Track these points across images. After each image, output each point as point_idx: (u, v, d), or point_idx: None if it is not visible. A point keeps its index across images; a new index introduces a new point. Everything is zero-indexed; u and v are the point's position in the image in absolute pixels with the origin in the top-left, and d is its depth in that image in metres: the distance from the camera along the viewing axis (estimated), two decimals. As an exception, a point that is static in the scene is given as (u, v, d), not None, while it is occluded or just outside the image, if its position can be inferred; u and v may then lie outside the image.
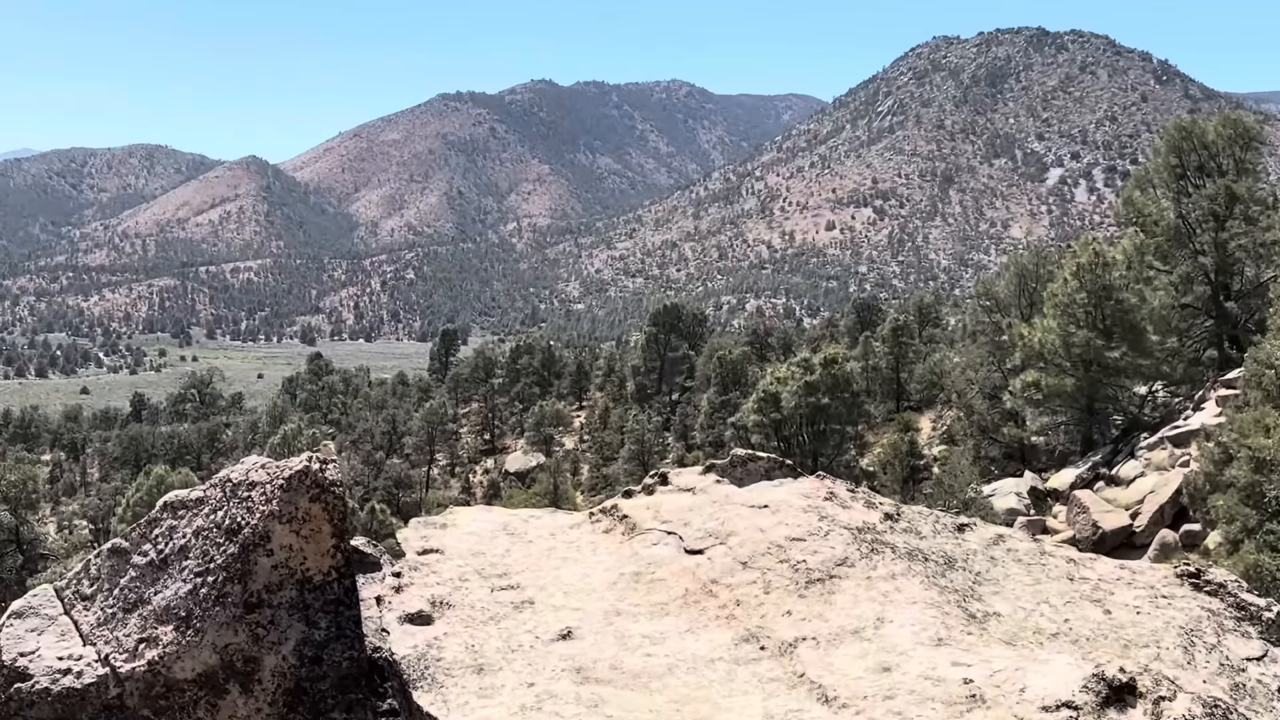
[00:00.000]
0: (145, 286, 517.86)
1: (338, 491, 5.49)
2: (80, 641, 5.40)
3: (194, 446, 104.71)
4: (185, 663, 5.16)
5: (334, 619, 5.32)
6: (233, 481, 5.56)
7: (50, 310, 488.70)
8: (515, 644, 5.29)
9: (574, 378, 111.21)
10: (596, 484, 79.69)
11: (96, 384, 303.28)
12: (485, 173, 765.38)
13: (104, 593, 5.55)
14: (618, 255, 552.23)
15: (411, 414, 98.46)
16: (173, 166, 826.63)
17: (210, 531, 5.44)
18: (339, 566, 5.45)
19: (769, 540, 5.82)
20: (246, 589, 5.26)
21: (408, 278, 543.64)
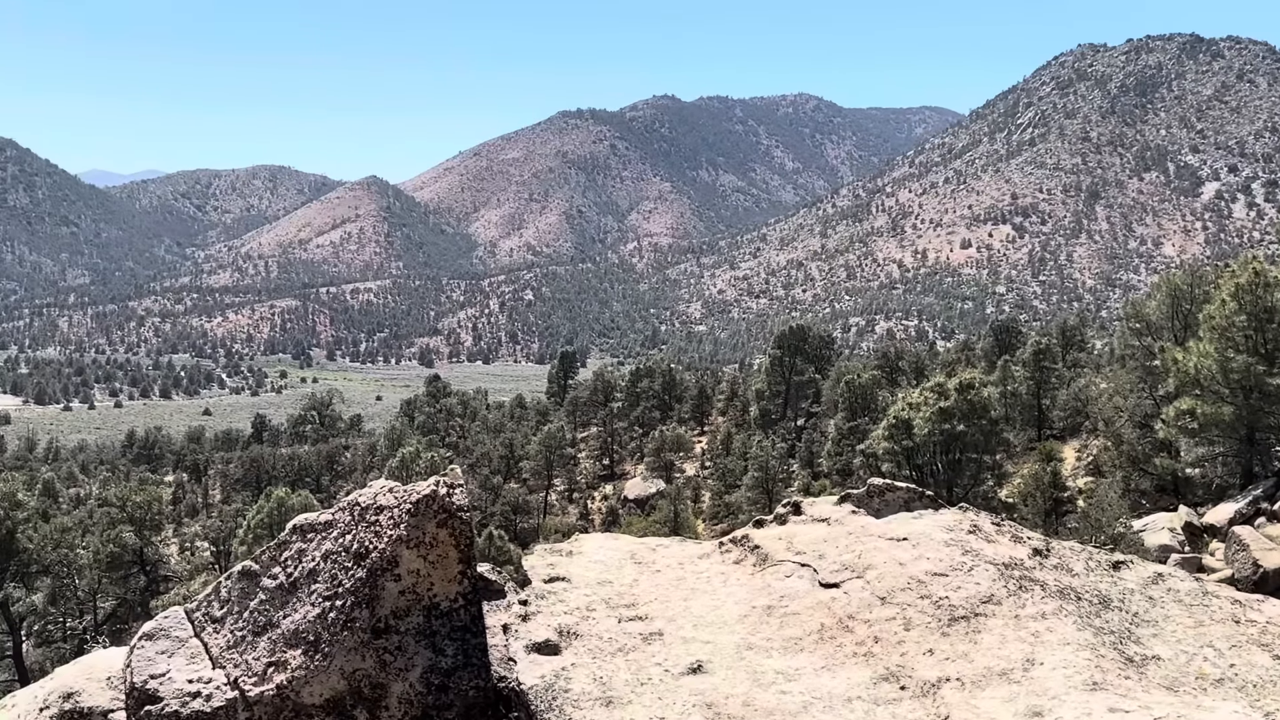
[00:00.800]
0: (267, 307, 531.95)
1: (465, 517, 5.41)
2: (210, 664, 5.39)
3: (313, 468, 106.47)
4: (313, 688, 5.11)
5: (461, 646, 5.23)
6: (361, 505, 5.51)
7: (174, 331, 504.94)
8: (644, 677, 5.14)
9: (695, 402, 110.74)
10: (718, 512, 79.06)
11: (219, 405, 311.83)
12: (605, 191, 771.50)
13: (234, 615, 5.54)
14: (741, 275, 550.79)
15: (529, 438, 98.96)
16: (295, 187, 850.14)
17: (338, 555, 5.40)
18: (466, 593, 5.36)
19: (909, 575, 5.58)
20: (374, 614, 5.20)
21: (526, 298, 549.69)
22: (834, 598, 5.58)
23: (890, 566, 5.69)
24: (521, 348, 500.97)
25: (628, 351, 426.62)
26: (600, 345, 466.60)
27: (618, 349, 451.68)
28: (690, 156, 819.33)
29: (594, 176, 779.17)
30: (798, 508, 6.79)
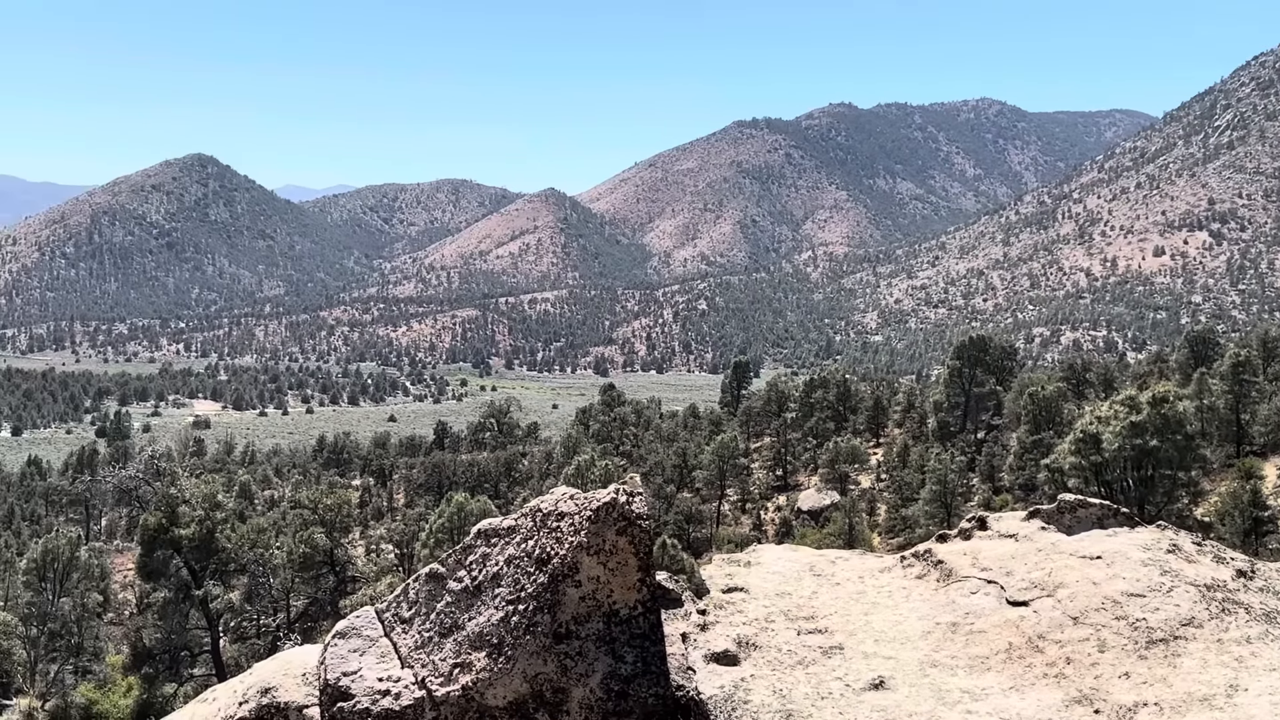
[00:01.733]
0: (449, 317, 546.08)
1: (644, 525, 5.43)
2: (399, 664, 5.53)
3: (492, 474, 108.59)
4: (497, 690, 5.20)
5: (640, 654, 5.25)
6: (543, 511, 5.59)
7: (362, 340, 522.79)
8: (825, 691, 5.06)
9: (871, 413, 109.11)
10: (894, 525, 77.64)
11: (403, 412, 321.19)
12: (780, 200, 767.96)
13: (421, 616, 5.67)
14: (919, 284, 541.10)
15: (702, 447, 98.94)
16: (476, 200, 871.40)
17: (521, 560, 5.48)
18: (645, 601, 5.38)
19: (1103, 594, 5.36)
20: (555, 619, 5.26)
21: (700, 308, 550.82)
22: (1023, 616, 5.40)
23: (1083, 585, 5.47)
24: (695, 357, 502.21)
25: (802, 362, 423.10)
26: (774, 355, 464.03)
27: (791, 359, 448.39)
28: (867, 164, 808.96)
29: (769, 186, 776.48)
30: (983, 523, 6.60)
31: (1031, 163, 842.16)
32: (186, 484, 41.45)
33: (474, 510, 68.26)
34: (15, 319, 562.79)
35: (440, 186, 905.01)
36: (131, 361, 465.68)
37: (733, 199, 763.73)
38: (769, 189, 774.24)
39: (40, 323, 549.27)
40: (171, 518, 37.87)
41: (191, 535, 37.42)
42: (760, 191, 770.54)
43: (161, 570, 38.25)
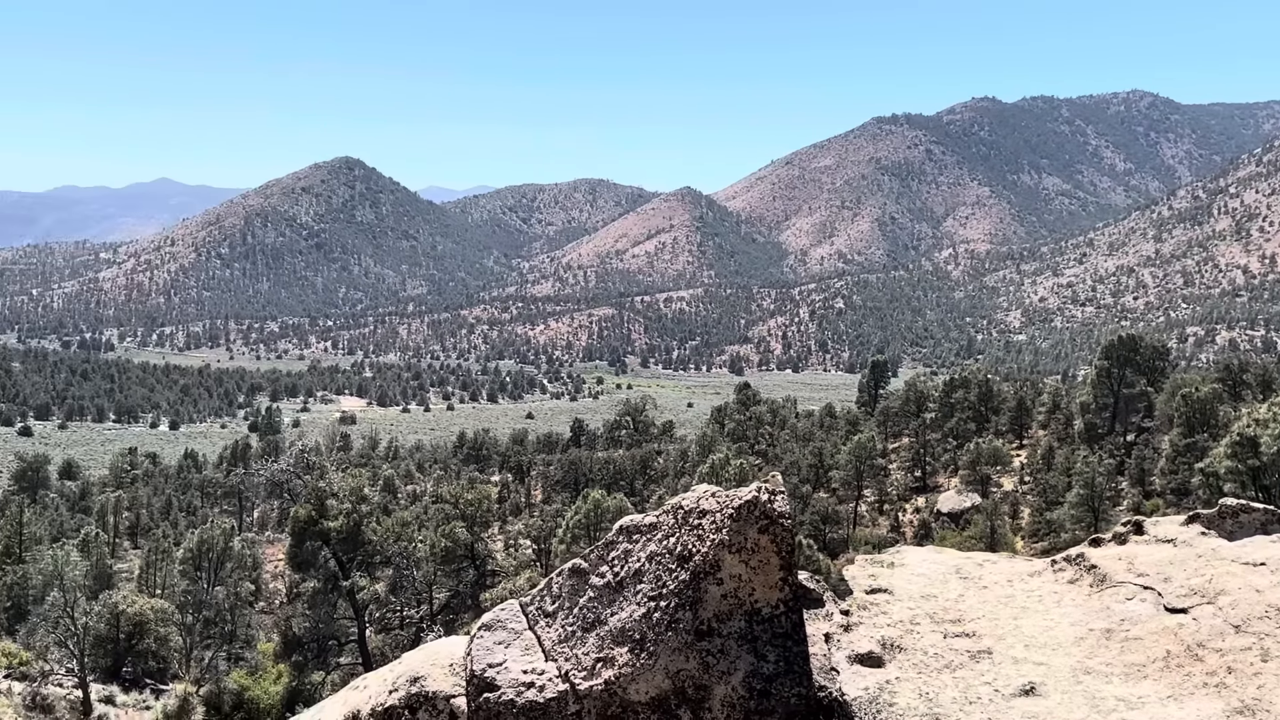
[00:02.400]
0: (585, 316, 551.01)
1: (786, 523, 5.40)
2: (543, 657, 5.60)
3: (628, 472, 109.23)
4: (639, 685, 5.23)
5: (782, 653, 5.22)
6: (684, 509, 5.59)
7: (501, 338, 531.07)
8: (973, 696, 4.96)
9: (1014, 414, 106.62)
10: (1038, 529, 75.68)
11: (540, 409, 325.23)
12: (919, 197, 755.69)
13: (564, 611, 5.74)
14: (1064, 282, 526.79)
15: (839, 447, 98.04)
16: (613, 199, 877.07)
17: (662, 557, 5.50)
18: (787, 600, 5.35)
19: (1267, 602, 5.14)
20: (697, 616, 5.26)
21: (837, 307, 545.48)
22: (1181, 624, 5.21)
23: (1246, 593, 5.26)
24: (831, 356, 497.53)
25: (941, 361, 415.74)
26: (912, 355, 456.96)
27: (931, 358, 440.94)
28: (1011, 159, 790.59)
29: (908, 182, 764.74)
30: (1139, 527, 6.39)
31: (1185, 156, 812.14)
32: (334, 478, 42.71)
33: (610, 507, 68.80)
34: (174, 317, 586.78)
35: (577, 186, 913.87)
36: (282, 359, 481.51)
37: (871, 196, 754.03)
38: (908, 186, 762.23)
39: (197, 321, 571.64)
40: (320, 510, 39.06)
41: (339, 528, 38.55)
42: (899, 188, 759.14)
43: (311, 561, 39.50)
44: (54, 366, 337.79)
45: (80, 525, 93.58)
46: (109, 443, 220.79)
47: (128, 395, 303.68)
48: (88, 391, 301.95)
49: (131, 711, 45.44)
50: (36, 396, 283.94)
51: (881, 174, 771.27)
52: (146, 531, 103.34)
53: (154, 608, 53.48)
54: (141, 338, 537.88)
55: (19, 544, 75.92)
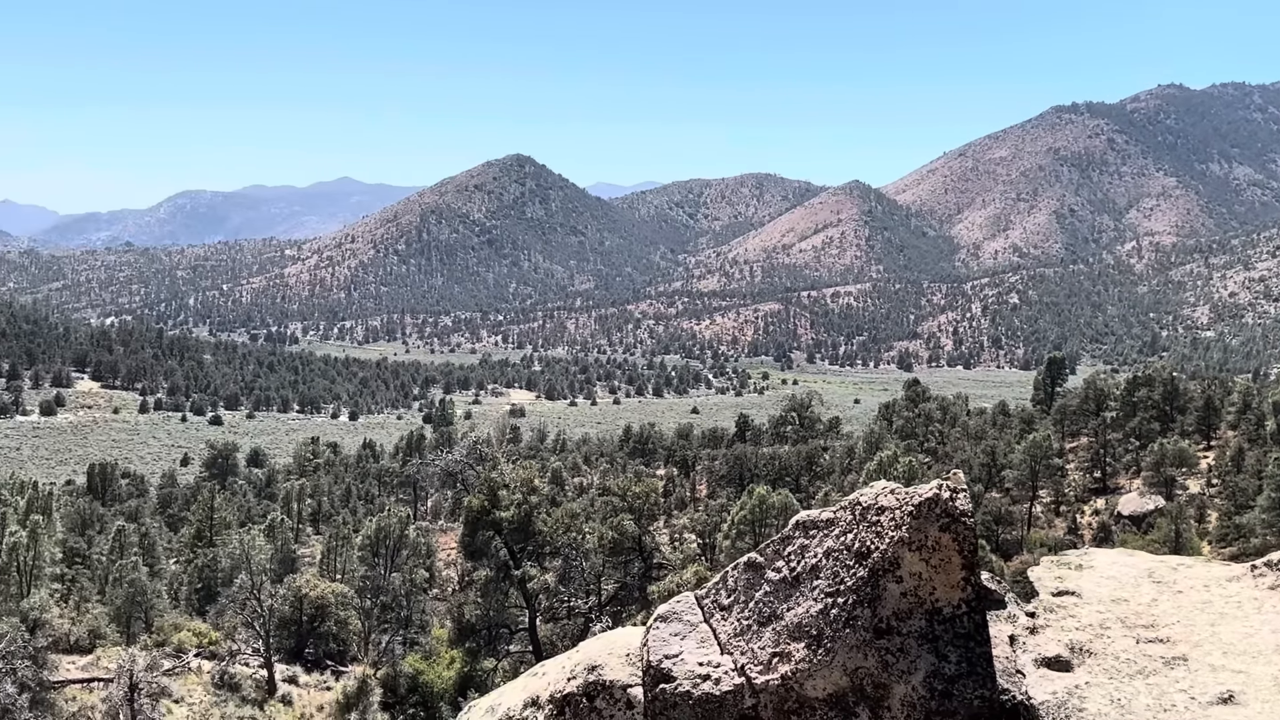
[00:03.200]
0: (751, 311, 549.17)
1: (968, 522, 5.29)
2: (718, 649, 5.61)
3: (793, 468, 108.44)
4: (816, 681, 5.19)
5: (964, 654, 5.11)
6: (862, 505, 5.52)
7: (667, 333, 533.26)
8: (1168, 703, 4.77)
9: (1200, 414, 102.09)
10: (1227, 534, 72.26)
11: (705, 404, 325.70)
12: (1100, 188, 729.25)
13: (739, 605, 5.73)
14: (1257, 276, 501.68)
15: (1012, 446, 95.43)
16: (780, 194, 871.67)
17: (840, 553, 5.44)
18: (969, 600, 5.23)
19: None
20: (875, 614, 5.19)
21: (1011, 302, 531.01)
22: (1397, 637, 4.91)
23: None
24: (1005, 353, 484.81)
25: (1122, 358, 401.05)
26: (1091, 351, 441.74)
27: (1111, 355, 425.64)
28: (1199, 149, 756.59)
29: (1088, 173, 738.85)
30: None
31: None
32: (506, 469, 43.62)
33: (775, 503, 68.47)
34: (353, 311, 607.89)
35: (744, 181, 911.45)
36: (455, 352, 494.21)
37: (1048, 187, 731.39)
38: (1089, 176, 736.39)
39: (375, 315, 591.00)
40: (493, 500, 39.95)
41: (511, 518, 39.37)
42: (1079, 179, 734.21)
43: (483, 550, 40.45)
44: (242, 358, 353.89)
45: (266, 511, 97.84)
46: (293, 432, 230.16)
47: (310, 387, 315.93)
48: (273, 383, 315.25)
49: (313, 691, 47.26)
50: (226, 387, 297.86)
51: (1060, 164, 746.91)
52: (327, 518, 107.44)
53: (334, 592, 55.54)
54: (323, 331, 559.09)
55: (210, 528, 79.81)
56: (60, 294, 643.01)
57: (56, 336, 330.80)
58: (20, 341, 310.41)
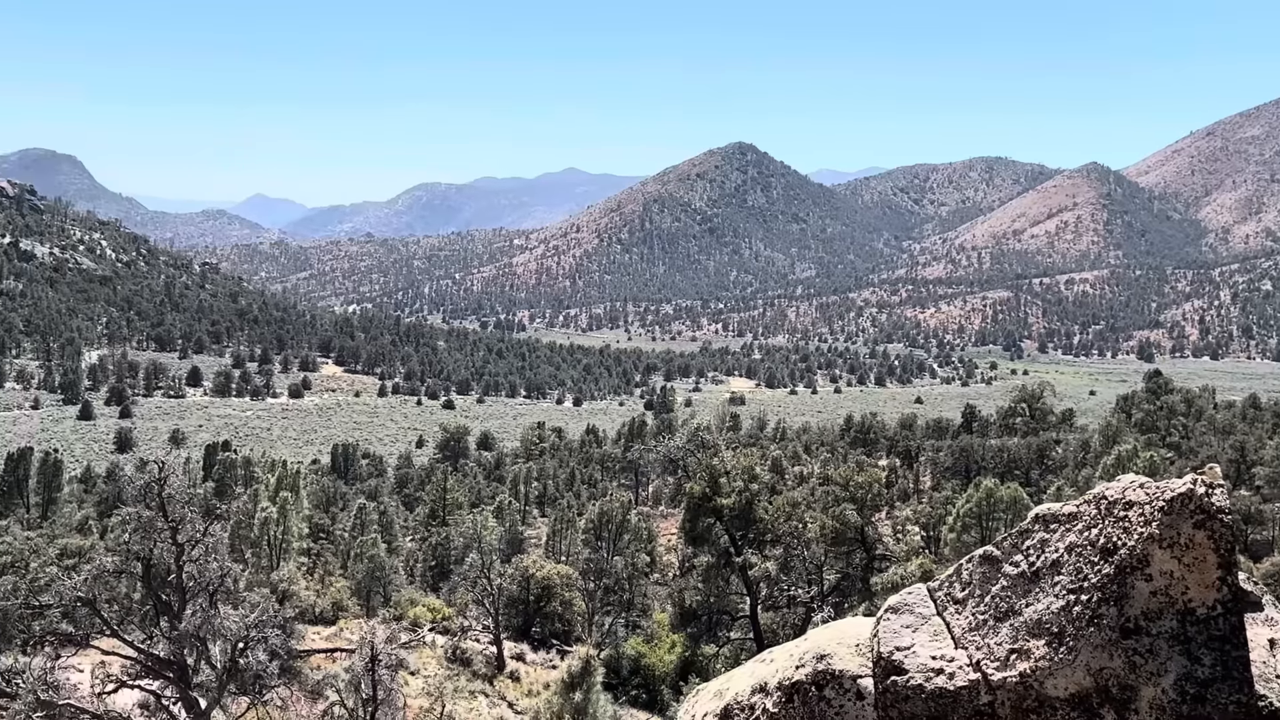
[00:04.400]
0: (979, 299, 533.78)
1: (1225, 519, 5.00)
2: (952, 643, 5.49)
3: (1022, 461, 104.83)
4: (1057, 680, 5.02)
5: (1219, 657, 4.85)
6: (1108, 499, 5.30)
7: (889, 321, 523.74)
8: None
9: None
10: None
11: (929, 394, 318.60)
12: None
13: (975, 598, 5.59)
14: None
15: (1264, 442, 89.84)
16: (1010, 177, 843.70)
17: (1083, 549, 5.24)
18: (1224, 601, 4.95)
19: None
20: (1122, 613, 4.98)
21: (1264, 289, 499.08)
22: None
23: None
24: (1257, 343, 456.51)
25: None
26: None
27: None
28: None
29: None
30: None
31: None
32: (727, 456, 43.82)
33: (1004, 497, 66.47)
34: (578, 300, 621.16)
35: (972, 165, 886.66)
36: (675, 340, 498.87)
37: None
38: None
39: (598, 303, 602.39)
40: (714, 487, 40.20)
41: (732, 505, 39.54)
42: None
43: (705, 536, 40.75)
44: (473, 345, 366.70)
45: (495, 493, 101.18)
46: (520, 417, 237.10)
47: (536, 373, 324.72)
48: (502, 369, 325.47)
49: (539, 669, 48.64)
50: (458, 372, 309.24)
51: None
52: (552, 501, 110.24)
53: (559, 573, 56.98)
54: (549, 319, 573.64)
55: (443, 508, 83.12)
56: (307, 283, 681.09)
57: (303, 323, 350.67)
58: (271, 328, 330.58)
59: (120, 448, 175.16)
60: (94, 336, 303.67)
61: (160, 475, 22.96)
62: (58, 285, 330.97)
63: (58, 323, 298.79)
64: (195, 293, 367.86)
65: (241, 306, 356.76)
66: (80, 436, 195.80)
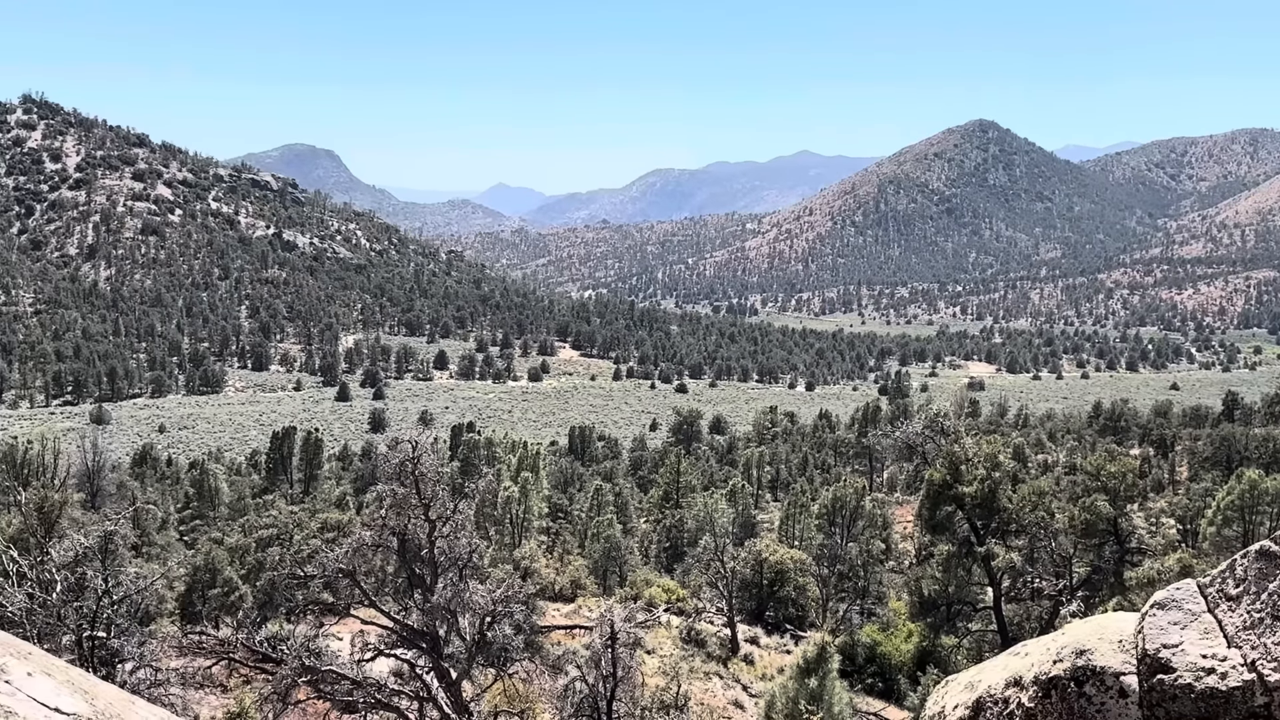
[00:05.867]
0: (1241, 279, 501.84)
1: None
2: (1224, 642, 5.23)
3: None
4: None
5: None
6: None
7: (1142, 304, 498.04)
8: None
9: None
10: None
11: (1186, 380, 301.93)
12: None
13: (1250, 596, 5.31)
14: None
15: None
16: (1277, 150, 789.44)
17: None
18: None
19: None
20: None
21: None
22: None
23: None
24: None
25: None
26: None
27: None
28: None
29: None
30: None
31: None
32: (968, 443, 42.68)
33: (1269, 489, 62.40)
34: (810, 283, 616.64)
35: (1235, 137, 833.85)
36: (911, 324, 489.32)
37: None
38: None
39: (831, 287, 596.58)
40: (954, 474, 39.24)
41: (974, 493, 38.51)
42: None
43: (944, 525, 39.84)
44: (705, 329, 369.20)
45: (727, 476, 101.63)
46: (752, 401, 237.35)
47: (768, 357, 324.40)
48: (734, 353, 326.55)
49: (773, 654, 48.67)
50: (690, 356, 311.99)
51: None
52: (785, 485, 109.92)
53: (793, 558, 56.77)
54: (781, 303, 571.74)
55: (676, 490, 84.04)
56: (545, 269, 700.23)
57: (542, 309, 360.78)
58: (512, 313, 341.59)
59: (374, 427, 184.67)
60: (350, 322, 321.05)
61: (414, 454, 24.09)
62: (317, 273, 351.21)
63: (317, 309, 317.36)
64: (441, 280, 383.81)
65: (484, 293, 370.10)
66: (338, 416, 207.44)
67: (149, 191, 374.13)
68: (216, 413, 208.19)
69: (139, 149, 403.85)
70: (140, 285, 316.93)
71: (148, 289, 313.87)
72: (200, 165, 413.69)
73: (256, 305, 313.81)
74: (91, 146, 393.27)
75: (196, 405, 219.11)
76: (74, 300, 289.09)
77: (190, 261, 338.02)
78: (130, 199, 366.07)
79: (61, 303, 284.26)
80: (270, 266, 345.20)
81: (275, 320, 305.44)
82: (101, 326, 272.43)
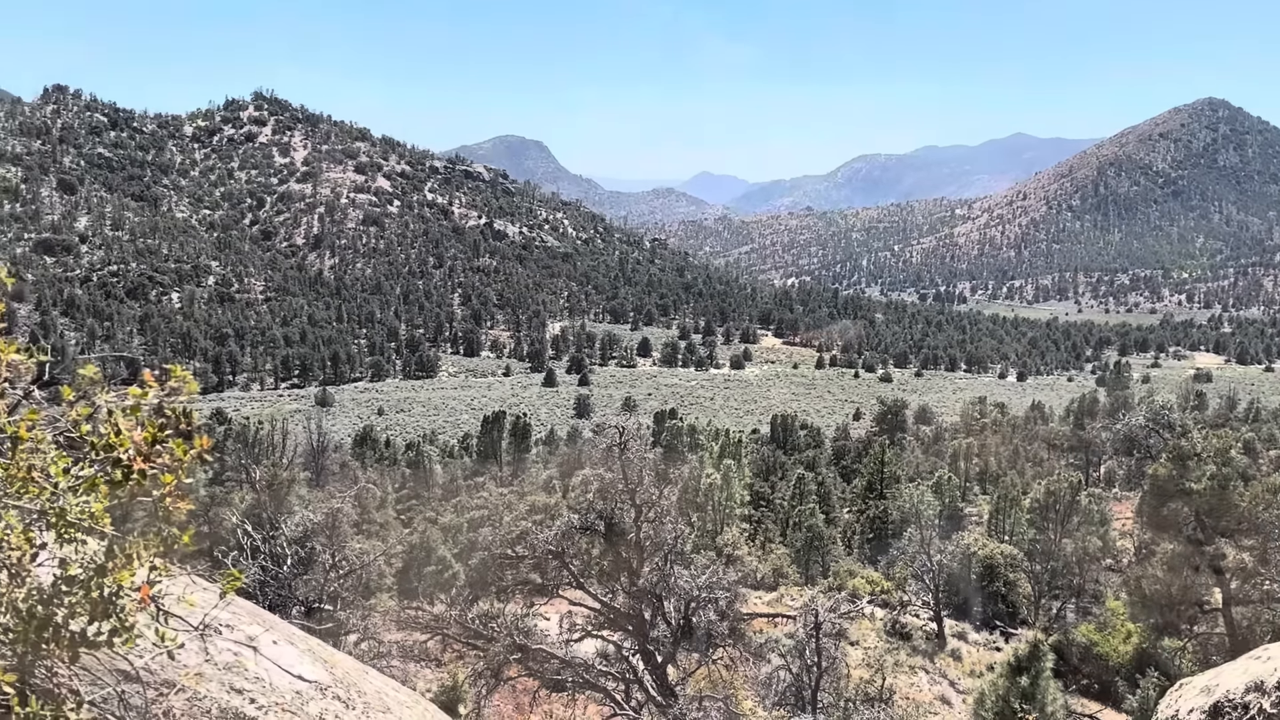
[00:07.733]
0: None
1: None
2: None
3: None
4: None
5: None
6: None
7: None
8: None
9: None
10: None
11: None
12: None
13: None
14: None
15: None
16: None
17: None
18: None
19: None
20: None
21: None
22: None
23: None
24: None
25: None
26: None
27: None
28: None
29: None
30: None
31: None
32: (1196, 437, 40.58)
33: None
34: (1023, 270, 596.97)
35: None
36: (1131, 312, 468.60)
37: None
38: None
39: (1045, 274, 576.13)
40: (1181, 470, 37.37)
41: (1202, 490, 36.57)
42: None
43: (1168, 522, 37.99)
44: (911, 318, 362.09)
45: (934, 468, 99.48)
46: (959, 391, 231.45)
47: (977, 346, 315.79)
48: (941, 342, 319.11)
49: (982, 650, 47.45)
50: (896, 345, 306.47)
51: None
52: (994, 478, 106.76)
53: (1002, 553, 55.21)
54: (991, 290, 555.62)
55: (880, 481, 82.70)
56: (748, 256, 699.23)
57: (744, 296, 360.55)
58: (714, 301, 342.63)
59: (579, 413, 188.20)
60: (556, 309, 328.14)
61: (621, 440, 24.43)
62: (525, 262, 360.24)
63: (525, 297, 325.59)
64: (645, 268, 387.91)
65: (687, 280, 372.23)
66: (545, 401, 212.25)
67: (370, 184, 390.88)
68: (431, 397, 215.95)
69: (361, 143, 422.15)
70: (361, 274, 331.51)
71: (368, 277, 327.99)
72: (417, 158, 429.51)
73: (468, 293, 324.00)
74: (317, 140, 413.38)
75: (412, 389, 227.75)
76: (300, 288, 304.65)
77: (407, 250, 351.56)
78: (353, 191, 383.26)
79: (289, 290, 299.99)
80: (481, 255, 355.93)
81: (486, 308, 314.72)
82: (325, 313, 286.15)
